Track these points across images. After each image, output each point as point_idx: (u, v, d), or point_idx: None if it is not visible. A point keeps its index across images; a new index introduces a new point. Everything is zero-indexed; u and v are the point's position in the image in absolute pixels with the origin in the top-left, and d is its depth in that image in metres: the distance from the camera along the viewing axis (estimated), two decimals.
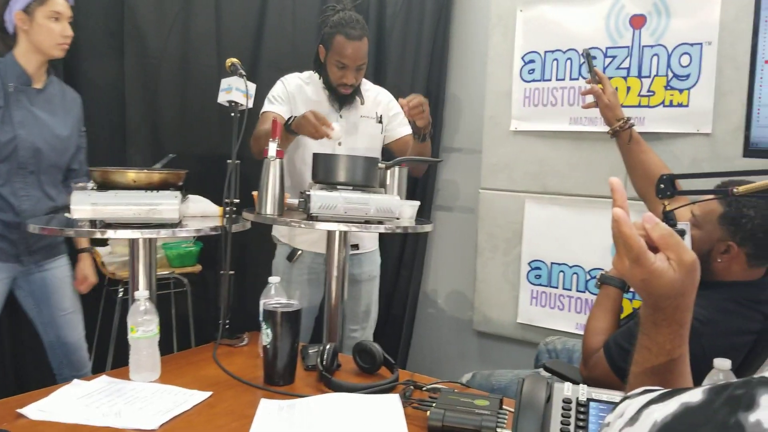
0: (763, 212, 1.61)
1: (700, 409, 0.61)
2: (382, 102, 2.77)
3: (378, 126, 2.74)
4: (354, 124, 2.67)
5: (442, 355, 3.56)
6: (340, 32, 2.48)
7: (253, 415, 1.45)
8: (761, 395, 0.58)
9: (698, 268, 0.89)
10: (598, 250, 2.85)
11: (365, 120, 2.70)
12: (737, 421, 0.57)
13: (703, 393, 0.62)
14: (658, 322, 0.92)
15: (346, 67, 2.51)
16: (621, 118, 2.09)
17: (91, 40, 2.65)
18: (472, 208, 3.31)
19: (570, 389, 1.15)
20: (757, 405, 0.57)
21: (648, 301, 0.92)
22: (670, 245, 0.89)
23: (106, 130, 2.72)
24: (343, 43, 2.48)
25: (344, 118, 2.64)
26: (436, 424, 1.34)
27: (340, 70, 2.53)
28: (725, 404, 0.59)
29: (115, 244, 2.72)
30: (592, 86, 2.14)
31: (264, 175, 2.10)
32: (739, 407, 0.58)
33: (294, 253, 2.69)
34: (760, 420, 0.56)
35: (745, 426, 0.56)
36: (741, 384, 0.60)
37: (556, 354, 2.38)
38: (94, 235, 1.80)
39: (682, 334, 0.93)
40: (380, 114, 2.74)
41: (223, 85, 2.08)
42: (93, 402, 1.49)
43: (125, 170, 1.90)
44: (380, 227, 2.05)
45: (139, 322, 1.63)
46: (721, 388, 0.61)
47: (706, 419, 0.59)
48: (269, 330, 1.64)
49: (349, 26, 2.48)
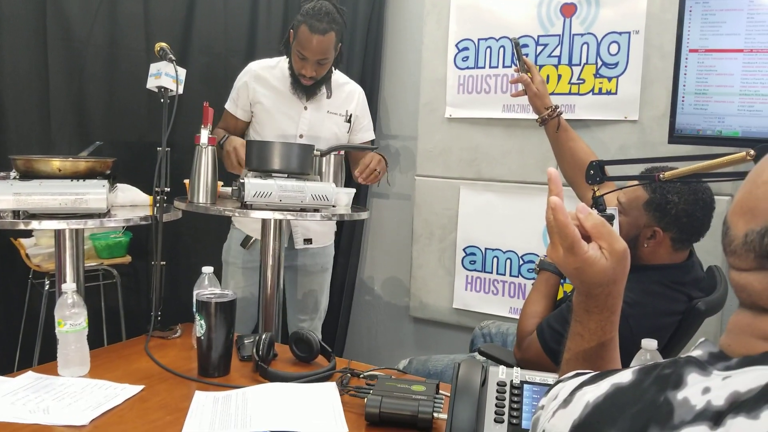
0: (687, 198, 1.66)
1: (630, 389, 0.63)
2: (356, 101, 2.73)
3: (345, 125, 2.69)
4: (320, 118, 2.63)
5: (379, 341, 3.57)
6: (306, 22, 2.39)
7: (188, 408, 1.42)
8: (688, 374, 0.60)
9: (628, 257, 0.92)
10: (530, 235, 2.91)
11: (332, 116, 2.65)
12: (666, 398, 0.58)
13: (632, 374, 0.64)
14: (590, 309, 0.95)
15: (306, 59, 2.45)
16: (549, 107, 2.14)
17: (12, 24, 2.54)
18: (408, 195, 3.32)
19: (504, 372, 1.17)
20: (685, 383, 0.59)
21: (581, 288, 0.94)
22: (602, 234, 0.92)
23: (30, 117, 2.61)
24: (306, 35, 2.40)
25: (309, 110, 2.61)
26: (373, 411, 1.35)
27: (300, 61, 2.46)
28: (654, 383, 0.61)
29: (40, 235, 2.63)
30: (520, 75, 2.17)
31: (196, 163, 2.06)
32: (667, 386, 0.60)
33: (248, 239, 2.65)
34: (687, 397, 0.58)
35: (674, 403, 0.58)
36: (668, 364, 0.63)
37: (490, 338, 2.42)
38: (17, 227, 1.73)
39: (612, 320, 0.96)
40: (350, 113, 2.70)
41: (152, 70, 2.03)
42: (19, 399, 1.44)
43: (50, 158, 1.83)
44: (316, 215, 2.03)
45: (66, 316, 1.58)
46: (650, 368, 0.63)
47: (636, 398, 0.61)
48: (203, 321, 1.61)
49: (316, 18, 2.38)
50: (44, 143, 2.62)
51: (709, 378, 0.59)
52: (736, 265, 0.66)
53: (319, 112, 2.63)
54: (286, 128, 2.56)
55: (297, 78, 2.53)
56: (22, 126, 2.57)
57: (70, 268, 1.91)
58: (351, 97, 2.72)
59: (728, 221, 0.67)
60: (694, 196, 1.67)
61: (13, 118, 2.49)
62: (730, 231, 0.66)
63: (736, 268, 0.66)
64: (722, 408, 0.55)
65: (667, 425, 0.56)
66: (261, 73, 2.61)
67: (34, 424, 1.33)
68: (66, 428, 1.33)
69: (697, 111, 2.16)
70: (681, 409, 0.57)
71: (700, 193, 1.68)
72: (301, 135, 2.59)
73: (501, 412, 1.11)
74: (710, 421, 0.54)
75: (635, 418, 0.59)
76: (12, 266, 2.63)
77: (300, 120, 2.59)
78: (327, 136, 2.61)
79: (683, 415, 0.56)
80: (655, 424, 0.57)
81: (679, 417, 0.56)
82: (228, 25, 3.05)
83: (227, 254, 2.71)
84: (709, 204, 1.69)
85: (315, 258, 2.79)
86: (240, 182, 1.97)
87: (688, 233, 1.70)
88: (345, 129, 2.69)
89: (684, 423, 0.56)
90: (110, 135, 2.70)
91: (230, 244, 2.72)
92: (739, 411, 0.53)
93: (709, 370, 0.60)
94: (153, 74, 2.02)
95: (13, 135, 2.48)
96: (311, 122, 2.60)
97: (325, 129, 2.63)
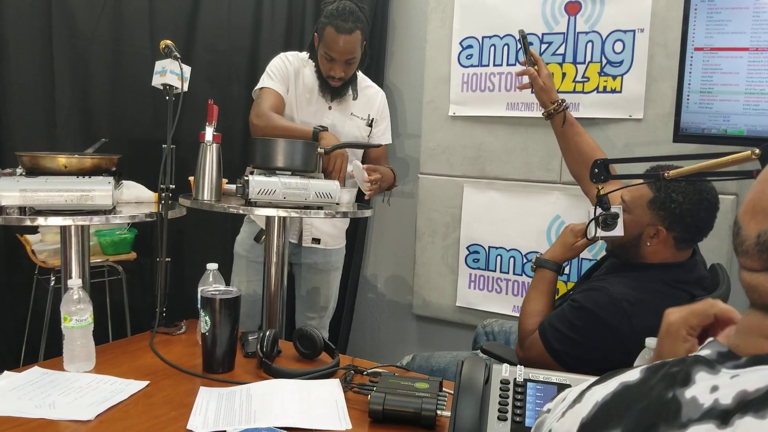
0: (691, 197, 1.66)
1: (637, 386, 0.63)
2: (377, 104, 2.73)
3: (366, 129, 2.69)
4: (342, 120, 2.63)
5: (382, 339, 3.58)
6: (331, 23, 2.40)
7: (192, 404, 1.43)
8: (696, 373, 0.60)
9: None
10: (534, 233, 2.91)
11: (354, 119, 2.65)
12: (674, 396, 0.58)
13: (640, 372, 0.64)
14: None
15: (334, 60, 2.45)
16: (556, 101, 2.13)
17: (18, 21, 2.54)
18: (412, 193, 3.32)
19: (508, 370, 1.17)
20: (693, 381, 0.59)
21: None
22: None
23: (35, 113, 2.62)
24: (332, 36, 2.40)
25: (333, 110, 2.61)
26: (377, 408, 1.35)
27: (328, 62, 2.47)
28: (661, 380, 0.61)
29: (45, 231, 2.64)
30: (527, 68, 2.16)
31: (201, 160, 2.06)
32: (675, 384, 0.60)
33: (262, 234, 2.65)
34: (695, 396, 0.58)
35: (682, 401, 0.58)
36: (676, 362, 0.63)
37: (493, 336, 2.42)
38: (23, 223, 1.73)
39: None
40: (372, 117, 2.70)
41: (157, 67, 2.03)
42: (25, 394, 1.45)
43: (56, 155, 1.84)
44: (320, 212, 2.04)
45: (72, 312, 1.59)
46: (657, 366, 0.63)
47: (643, 395, 0.61)
48: (207, 317, 1.62)
49: (340, 18, 2.39)
50: (50, 140, 2.63)
51: (717, 376, 0.59)
52: (748, 266, 0.65)
53: (343, 114, 2.63)
54: (308, 125, 2.55)
55: (325, 80, 2.53)
56: (27, 123, 2.57)
57: (76, 265, 1.92)
58: (373, 100, 2.72)
59: (739, 221, 0.66)
60: (698, 196, 1.66)
61: (19, 114, 2.49)
62: (742, 231, 0.65)
63: (748, 268, 0.65)
64: (730, 407, 0.55)
65: (675, 423, 0.56)
66: (300, 66, 2.61)
67: (40, 419, 1.34)
68: (71, 423, 1.34)
69: (702, 110, 2.15)
70: (689, 407, 0.57)
71: (704, 193, 1.67)
72: None
73: (504, 410, 1.11)
74: (717, 420, 0.54)
75: (642, 415, 0.59)
76: (18, 262, 2.64)
77: (323, 119, 2.59)
78: (346, 138, 2.60)
79: (691, 413, 0.56)
80: (662, 422, 0.57)
81: (686, 415, 0.56)
82: (232, 23, 3.06)
83: (239, 246, 2.71)
84: (714, 204, 1.69)
85: (326, 256, 2.79)
86: (244, 179, 1.97)
87: (691, 233, 1.70)
88: (366, 133, 2.69)
89: (691, 421, 0.56)
90: (115, 132, 2.71)
91: (243, 237, 2.72)
92: (746, 410, 0.53)
93: (718, 368, 0.60)
94: (158, 71, 2.03)
95: (19, 132, 2.49)
96: (334, 122, 2.60)
97: (346, 131, 2.63)
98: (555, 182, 2.83)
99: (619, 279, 1.72)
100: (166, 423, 1.36)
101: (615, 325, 1.62)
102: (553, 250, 1.95)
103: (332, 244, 2.80)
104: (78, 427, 1.33)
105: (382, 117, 2.75)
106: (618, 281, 1.70)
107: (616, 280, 1.71)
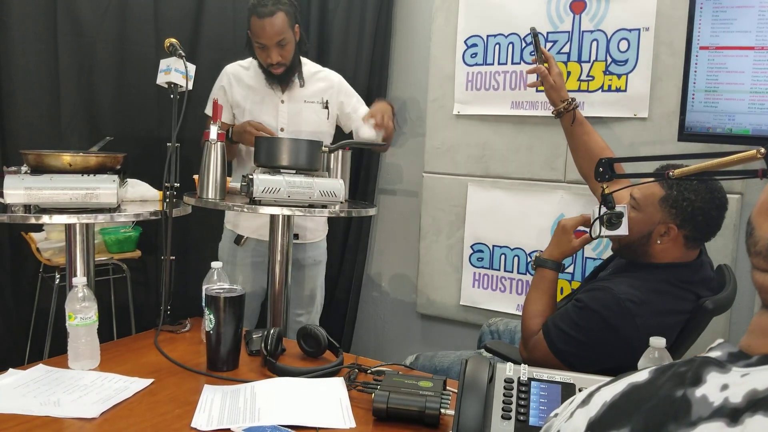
0: (703, 196, 1.66)
1: (645, 386, 0.63)
2: (333, 87, 2.72)
3: (324, 111, 2.69)
4: (297, 109, 2.64)
5: (386, 337, 3.58)
6: (253, 12, 2.44)
7: (197, 402, 1.43)
8: (707, 373, 0.60)
9: None
10: (538, 232, 2.90)
11: (309, 105, 2.66)
12: (684, 395, 0.58)
13: (648, 373, 0.64)
14: None
15: (266, 46, 2.47)
16: (565, 99, 2.12)
17: (23, 20, 2.55)
18: (416, 192, 3.32)
19: (512, 369, 1.17)
20: (704, 381, 0.59)
21: None
22: None
23: (40, 112, 2.62)
24: (256, 23, 2.44)
25: (286, 103, 2.61)
26: (380, 407, 1.35)
27: (263, 51, 2.49)
28: (669, 380, 0.61)
29: (50, 229, 2.64)
30: (537, 66, 2.15)
31: (205, 159, 2.07)
32: (684, 383, 0.59)
33: (240, 237, 2.67)
34: (705, 394, 0.57)
35: (692, 400, 0.58)
36: (684, 363, 0.62)
37: (498, 335, 2.42)
38: (28, 221, 1.74)
39: None
40: (326, 99, 2.70)
41: (162, 66, 2.04)
42: (30, 391, 1.45)
43: (61, 153, 1.85)
44: (324, 211, 2.04)
45: (77, 309, 1.59)
46: (665, 367, 0.63)
47: (651, 394, 0.61)
48: (212, 315, 1.62)
49: (260, 5, 2.43)
50: (55, 138, 2.64)
51: (728, 375, 0.58)
52: (761, 266, 0.64)
53: (296, 103, 2.64)
54: (267, 124, 2.56)
55: (268, 71, 2.55)
56: (32, 121, 2.58)
57: (81, 263, 1.92)
58: (325, 83, 2.72)
59: (753, 222, 0.66)
60: (710, 194, 1.66)
61: (24, 113, 2.50)
62: (755, 232, 0.65)
63: (761, 269, 0.64)
64: (740, 405, 0.54)
65: (684, 421, 0.56)
66: (236, 74, 2.65)
67: (44, 416, 1.34)
68: (76, 421, 1.34)
69: (707, 108, 2.15)
70: (699, 405, 0.57)
71: (715, 192, 1.67)
72: (282, 128, 2.60)
73: (508, 409, 1.11)
74: (727, 418, 0.54)
75: (650, 414, 0.59)
76: (23, 260, 2.65)
77: (278, 114, 2.61)
78: (308, 127, 2.63)
79: (701, 411, 0.56)
80: (672, 420, 0.57)
81: (696, 413, 0.56)
82: (236, 21, 3.06)
83: (222, 253, 2.73)
84: (724, 203, 1.69)
85: (306, 252, 2.79)
86: (249, 178, 1.98)
87: (702, 232, 1.70)
88: (324, 115, 2.69)
89: (701, 419, 0.56)
90: (120, 130, 2.71)
91: (223, 245, 2.76)
92: (757, 409, 0.53)
93: (728, 367, 0.60)
94: (163, 70, 2.03)
95: (24, 130, 2.50)
96: (290, 114, 2.61)
97: (303, 119, 2.64)
98: (560, 181, 2.82)
99: (624, 279, 1.71)
100: (170, 421, 1.36)
101: (619, 325, 1.62)
102: (551, 249, 1.93)
103: (311, 238, 2.80)
104: (83, 425, 1.33)
105: (348, 95, 2.76)
106: (623, 281, 1.70)
107: (621, 280, 1.71)
